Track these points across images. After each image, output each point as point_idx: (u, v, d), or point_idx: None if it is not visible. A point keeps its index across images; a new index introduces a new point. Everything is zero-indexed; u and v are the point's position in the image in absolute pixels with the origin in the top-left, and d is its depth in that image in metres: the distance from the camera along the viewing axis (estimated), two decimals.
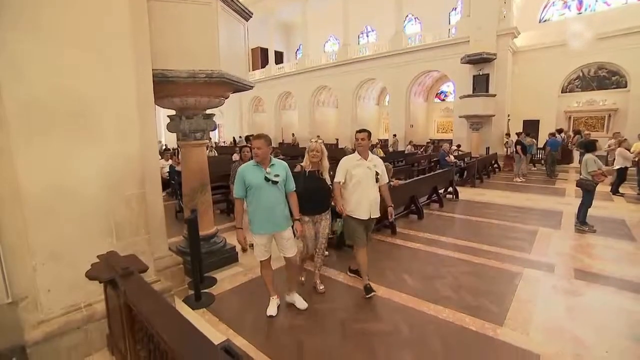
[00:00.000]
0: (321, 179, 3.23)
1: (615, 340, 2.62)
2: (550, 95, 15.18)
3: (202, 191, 3.93)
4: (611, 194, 7.94)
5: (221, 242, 4.15)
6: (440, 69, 16.94)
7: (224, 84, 3.56)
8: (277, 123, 26.04)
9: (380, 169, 3.30)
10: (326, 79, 21.95)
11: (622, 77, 13.78)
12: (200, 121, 3.77)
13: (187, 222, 3.31)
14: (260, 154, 2.75)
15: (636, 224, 5.68)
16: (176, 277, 3.28)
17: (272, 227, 2.84)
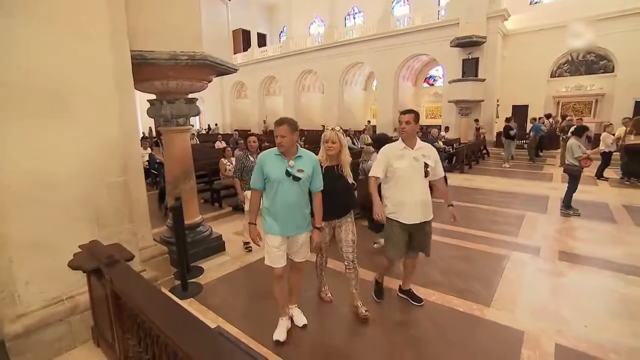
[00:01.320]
0: (342, 176, 2.68)
1: (594, 316, 2.82)
2: (540, 80, 15.54)
3: (186, 179, 3.91)
4: (596, 179, 8.30)
5: (207, 231, 4.16)
6: (429, 52, 17.01)
7: (207, 67, 3.51)
8: (261, 109, 25.73)
9: (432, 159, 2.73)
10: (311, 63, 21.73)
11: (610, 62, 14.21)
12: (182, 106, 3.72)
13: (171, 210, 3.30)
14: (285, 143, 2.32)
15: (618, 207, 5.99)
16: (162, 267, 3.29)
17: (289, 229, 2.44)
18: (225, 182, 6.44)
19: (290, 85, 23.34)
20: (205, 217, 4.79)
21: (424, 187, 2.72)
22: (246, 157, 3.96)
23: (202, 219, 4.22)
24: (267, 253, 2.49)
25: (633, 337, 2.55)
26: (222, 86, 26.97)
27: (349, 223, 2.75)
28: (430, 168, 2.72)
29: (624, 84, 13.54)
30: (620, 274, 3.54)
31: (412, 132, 2.71)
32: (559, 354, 2.38)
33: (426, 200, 2.72)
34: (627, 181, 7.81)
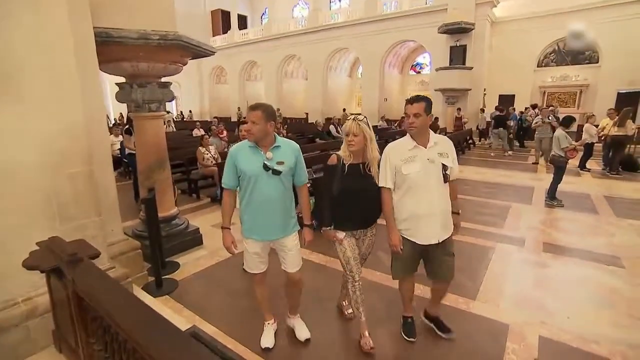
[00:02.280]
0: (367, 175, 2.25)
1: (576, 307, 2.92)
2: (527, 70, 15.81)
3: (160, 168, 3.76)
4: (579, 170, 8.58)
5: (183, 224, 4.05)
6: (416, 39, 16.99)
7: (181, 49, 3.34)
8: (242, 95, 25.21)
9: (451, 158, 2.22)
10: (295, 48, 21.36)
11: (595, 52, 14.59)
12: (155, 90, 3.55)
13: (144, 202, 3.17)
14: (255, 131, 2.07)
15: (599, 197, 6.22)
16: (134, 263, 3.17)
17: (270, 232, 2.23)
18: (203, 172, 6.29)
19: (272, 71, 22.92)
20: (182, 208, 4.67)
21: (443, 195, 2.20)
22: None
23: (178, 211, 4.11)
24: (247, 259, 2.33)
25: (613, 327, 2.65)
26: (201, 70, 26.21)
27: (373, 236, 2.45)
28: (450, 170, 2.18)
29: (608, 75, 13.96)
30: (601, 265, 3.68)
31: (423, 127, 2.13)
32: (543, 346, 2.44)
33: (446, 211, 2.23)
34: (611, 172, 8.10)
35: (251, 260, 2.30)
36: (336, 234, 2.34)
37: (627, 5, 13.17)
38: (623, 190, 6.75)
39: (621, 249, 4.05)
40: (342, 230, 2.33)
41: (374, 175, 2.25)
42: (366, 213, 2.34)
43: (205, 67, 25.80)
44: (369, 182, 2.26)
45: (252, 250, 2.27)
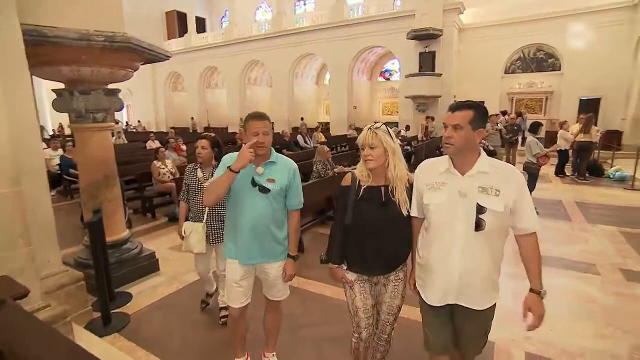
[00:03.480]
0: (390, 203, 1.82)
1: (558, 319, 2.99)
2: (494, 76, 16.77)
3: (108, 186, 3.53)
4: (555, 176, 9.16)
5: (136, 249, 3.82)
6: (385, 44, 17.56)
7: (130, 52, 3.19)
8: (202, 104, 24.74)
9: (503, 199, 1.57)
10: (258, 53, 21.36)
11: (557, 60, 15.78)
12: (101, 98, 3.35)
13: (88, 227, 2.93)
14: (268, 143, 1.99)
15: (571, 203, 6.61)
16: (75, 298, 2.91)
17: (253, 255, 2.09)
18: (159, 188, 6.00)
19: (234, 78, 22.73)
20: (136, 230, 4.42)
21: (472, 251, 1.61)
22: (192, 172, 2.94)
23: (130, 234, 3.88)
24: (226, 287, 2.21)
25: (595, 339, 2.75)
26: (155, 76, 25.45)
27: (399, 281, 1.96)
28: (494, 215, 1.56)
29: (570, 82, 15.11)
30: (578, 273, 3.86)
31: (465, 146, 1.59)
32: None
33: (476, 276, 1.64)
34: (579, 178, 8.67)
35: (230, 288, 2.16)
36: (345, 275, 1.96)
37: (589, 15, 14.40)
38: (591, 195, 7.23)
39: (595, 255, 4.28)
40: (355, 271, 1.95)
41: (398, 202, 1.80)
42: (387, 253, 1.87)
43: (160, 73, 25.10)
44: (392, 211, 1.80)
45: (231, 276, 2.15)
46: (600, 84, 14.39)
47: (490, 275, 1.67)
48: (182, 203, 3.01)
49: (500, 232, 1.65)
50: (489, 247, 1.62)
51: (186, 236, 2.77)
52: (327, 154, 5.97)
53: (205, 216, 2.78)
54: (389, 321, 2.00)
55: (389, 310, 1.97)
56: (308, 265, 3.86)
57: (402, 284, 1.97)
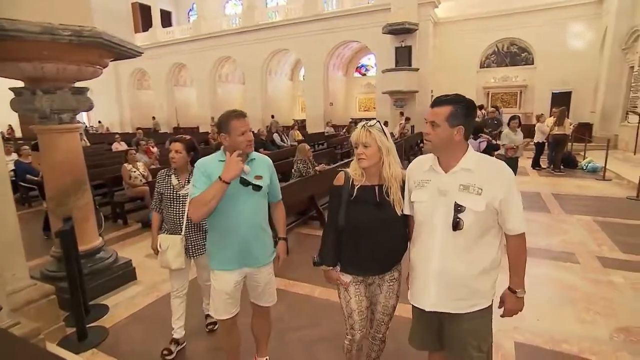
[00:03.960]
0: (384, 203, 1.81)
1: (542, 308, 3.16)
2: (470, 71, 17.34)
3: (78, 192, 3.40)
4: (532, 168, 9.57)
5: (110, 258, 3.71)
6: (360, 39, 17.76)
7: (99, 47, 3.08)
8: (170, 102, 24.17)
9: (484, 195, 1.53)
10: (229, 49, 21.11)
11: (530, 54, 16.50)
12: (67, 97, 3.22)
13: (59, 236, 2.82)
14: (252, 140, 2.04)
15: (549, 195, 6.95)
16: (46, 314, 2.80)
17: (247, 259, 2.07)
18: (131, 193, 5.84)
19: (204, 75, 22.36)
20: (107, 238, 4.28)
21: (450, 250, 1.59)
22: (166, 179, 2.69)
23: (103, 242, 3.76)
24: (213, 301, 2.13)
25: (578, 324, 2.93)
26: (117, 74, 24.57)
27: (394, 281, 1.96)
28: (474, 215, 1.53)
29: (542, 76, 15.83)
30: (559, 262, 4.07)
31: (441, 143, 1.57)
32: (519, 352, 2.61)
33: (454, 276, 1.60)
34: (555, 170, 9.11)
35: (220, 301, 2.09)
36: (340, 277, 1.95)
37: (557, 10, 15.15)
38: (567, 187, 7.64)
39: (574, 245, 4.53)
40: (349, 273, 1.95)
41: (393, 202, 1.79)
42: (382, 254, 1.87)
43: (123, 70, 24.27)
44: (387, 211, 1.79)
45: (222, 288, 2.07)
46: (571, 78, 15.19)
47: (472, 277, 1.60)
48: (154, 213, 2.78)
49: (486, 233, 1.59)
50: (470, 248, 1.58)
51: (162, 251, 2.57)
52: (308, 152, 5.99)
53: (184, 228, 2.59)
54: (384, 321, 2.02)
55: (384, 310, 1.99)
56: (293, 267, 3.86)
57: (397, 284, 1.98)
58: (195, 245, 2.68)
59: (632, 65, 11.96)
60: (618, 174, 8.28)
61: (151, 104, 24.98)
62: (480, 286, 1.63)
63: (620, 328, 2.85)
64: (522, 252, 1.64)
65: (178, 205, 2.63)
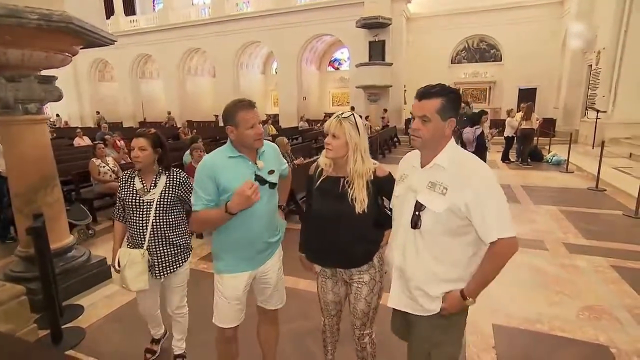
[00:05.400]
0: (343, 194, 1.76)
1: (516, 291, 3.38)
2: (442, 66, 17.84)
3: (47, 188, 3.26)
4: (501, 162, 10.04)
5: (83, 256, 3.59)
6: (334, 33, 17.84)
7: (71, 34, 2.96)
8: (136, 96, 23.33)
9: (449, 196, 1.45)
10: (198, 40, 20.63)
11: (498, 51, 17.19)
12: (34, 86, 3.06)
13: (30, 233, 2.70)
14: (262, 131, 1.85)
15: (518, 187, 7.33)
16: (17, 316, 2.68)
17: (258, 259, 1.93)
18: (101, 189, 5.64)
19: (171, 67, 21.76)
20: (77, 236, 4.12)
21: (412, 249, 1.56)
22: (128, 182, 2.30)
23: (75, 239, 3.64)
24: (220, 310, 1.92)
25: (548, 306, 3.15)
26: (75, 64, 23.35)
27: (362, 284, 1.86)
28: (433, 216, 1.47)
29: (509, 73, 16.55)
30: (529, 249, 4.31)
31: (432, 138, 1.49)
32: (498, 334, 2.76)
33: (411, 276, 1.58)
34: (522, 163, 9.59)
35: (229, 309, 1.90)
36: (312, 266, 2.01)
37: (523, 9, 15.88)
38: (534, 179, 8.09)
39: (543, 233, 4.82)
40: (317, 263, 1.97)
41: (353, 197, 1.73)
42: (339, 247, 1.81)
43: (82, 60, 23.09)
44: (345, 205, 1.74)
45: (233, 294, 1.88)
46: (536, 75, 15.99)
47: (427, 282, 1.54)
48: (116, 223, 2.37)
49: (455, 238, 1.49)
50: (431, 250, 1.51)
51: (120, 269, 2.19)
52: (286, 146, 6.00)
53: (146, 241, 2.21)
54: (356, 325, 1.94)
55: (354, 312, 1.92)
56: None
57: (366, 288, 1.86)
58: (163, 263, 2.27)
59: (590, 64, 12.75)
60: (579, 166, 8.83)
61: (115, 97, 24.00)
62: (437, 293, 1.53)
63: (584, 307, 3.10)
64: (492, 261, 1.48)
65: (141, 213, 2.21)
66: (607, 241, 4.48)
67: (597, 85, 11.73)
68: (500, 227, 1.41)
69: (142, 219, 2.21)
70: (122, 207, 2.33)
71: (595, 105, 11.21)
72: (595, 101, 11.55)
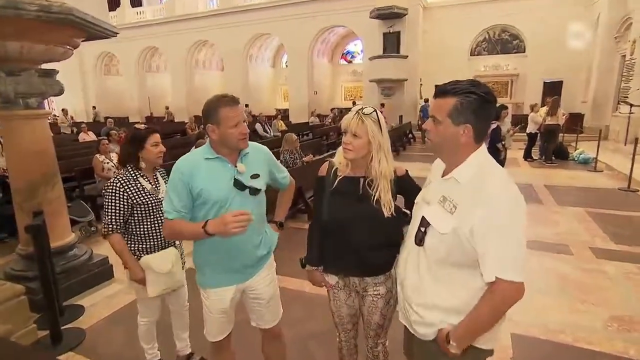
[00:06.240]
0: (366, 197, 1.69)
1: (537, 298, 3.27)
2: (460, 58, 17.53)
3: (48, 184, 3.32)
4: (523, 160, 9.86)
5: (85, 255, 3.66)
6: (347, 24, 17.74)
7: (72, 27, 2.99)
8: (142, 90, 23.64)
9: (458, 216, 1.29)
10: (206, 33, 20.78)
11: (522, 42, 16.81)
12: (34, 80, 3.13)
13: (29, 231, 2.75)
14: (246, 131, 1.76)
15: (541, 187, 7.17)
16: (16, 315, 2.74)
17: (245, 273, 1.87)
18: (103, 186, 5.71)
19: (179, 60, 21.98)
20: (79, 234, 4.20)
21: (413, 265, 1.48)
22: (136, 185, 2.21)
23: (77, 237, 3.72)
24: (206, 322, 1.93)
25: (572, 314, 3.06)
26: (81, 57, 23.79)
27: (378, 297, 1.79)
28: (435, 236, 1.36)
29: (534, 65, 16.16)
30: (552, 254, 4.22)
31: (442, 143, 1.37)
32: (516, 344, 2.70)
33: (410, 294, 1.49)
34: (546, 161, 9.38)
35: (214, 321, 1.89)
36: (325, 279, 1.89)
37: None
38: (559, 178, 7.91)
39: (567, 236, 4.70)
40: (333, 272, 1.87)
41: (379, 198, 1.65)
42: (361, 252, 1.72)
43: (88, 53, 23.49)
44: (367, 207, 1.67)
45: (218, 306, 1.85)
46: (562, 67, 15.56)
47: (423, 306, 1.42)
48: (116, 236, 2.18)
49: (461, 267, 1.33)
50: (432, 271, 1.39)
51: (164, 273, 2.18)
52: (295, 143, 5.99)
53: None
54: (370, 335, 1.91)
55: (368, 324, 1.89)
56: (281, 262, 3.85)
57: (382, 301, 1.80)
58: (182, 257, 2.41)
59: (623, 54, 12.37)
60: (609, 165, 8.60)
61: (120, 91, 24.35)
62: (433, 320, 1.40)
63: (613, 317, 2.99)
64: (488, 303, 1.28)
65: (161, 212, 2.09)
66: (639, 246, 4.34)
67: (630, 77, 11.37)
68: (503, 266, 1.23)
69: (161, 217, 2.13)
70: (129, 213, 2.19)
71: (629, 99, 10.85)
72: (629, 94, 11.19)
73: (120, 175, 2.20)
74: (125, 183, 2.17)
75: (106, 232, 2.17)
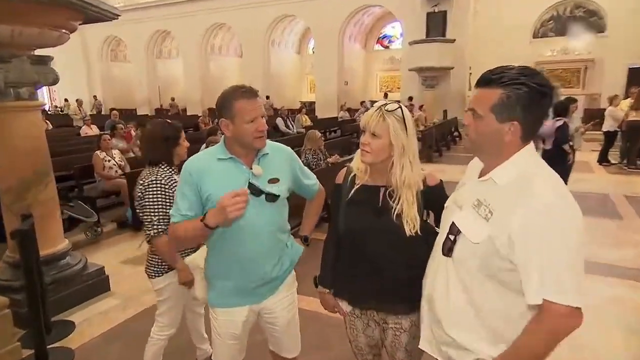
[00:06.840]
0: (386, 209, 1.63)
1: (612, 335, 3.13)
2: (520, 42, 16.98)
3: (40, 184, 3.43)
4: (598, 164, 9.38)
5: (79, 264, 3.76)
6: (383, 3, 17.63)
7: (68, 7, 3.08)
8: (152, 78, 24.42)
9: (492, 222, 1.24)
10: (223, 14, 21.20)
11: (601, 19, 16.00)
12: (26, 67, 3.23)
13: (15, 236, 2.83)
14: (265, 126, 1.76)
15: (620, 197, 6.80)
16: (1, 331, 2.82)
17: (260, 292, 1.86)
18: (106, 187, 5.90)
19: (193, 45, 22.54)
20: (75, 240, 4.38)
21: (442, 278, 1.43)
22: (171, 181, 2.37)
23: (70, 244, 3.81)
24: (213, 343, 1.95)
25: None
26: (86, 43, 24.78)
27: (401, 331, 1.73)
28: (467, 246, 1.31)
29: (616, 47, 15.26)
30: (632, 282, 3.96)
31: (483, 141, 1.33)
32: None
33: (437, 313, 1.44)
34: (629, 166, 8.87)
35: (223, 347, 1.90)
36: (338, 304, 1.87)
37: None
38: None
39: None
40: (345, 299, 1.83)
41: (400, 213, 1.58)
42: (378, 276, 1.67)
43: (92, 38, 24.40)
44: (386, 222, 1.61)
45: (229, 331, 1.86)
46: None
47: (453, 326, 1.37)
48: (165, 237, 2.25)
49: (490, 279, 1.28)
50: (464, 285, 1.35)
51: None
52: (319, 141, 5.99)
53: None
54: None
55: (392, 358, 1.83)
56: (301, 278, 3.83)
57: (405, 336, 1.72)
58: None
59: None
60: None
61: (128, 80, 25.21)
62: (467, 345, 1.35)
63: None
64: (534, 332, 1.19)
65: None
66: None
67: None
68: (552, 286, 1.12)
69: None
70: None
71: None
72: None
73: (159, 173, 2.35)
74: (167, 182, 2.32)
75: (155, 234, 2.27)
